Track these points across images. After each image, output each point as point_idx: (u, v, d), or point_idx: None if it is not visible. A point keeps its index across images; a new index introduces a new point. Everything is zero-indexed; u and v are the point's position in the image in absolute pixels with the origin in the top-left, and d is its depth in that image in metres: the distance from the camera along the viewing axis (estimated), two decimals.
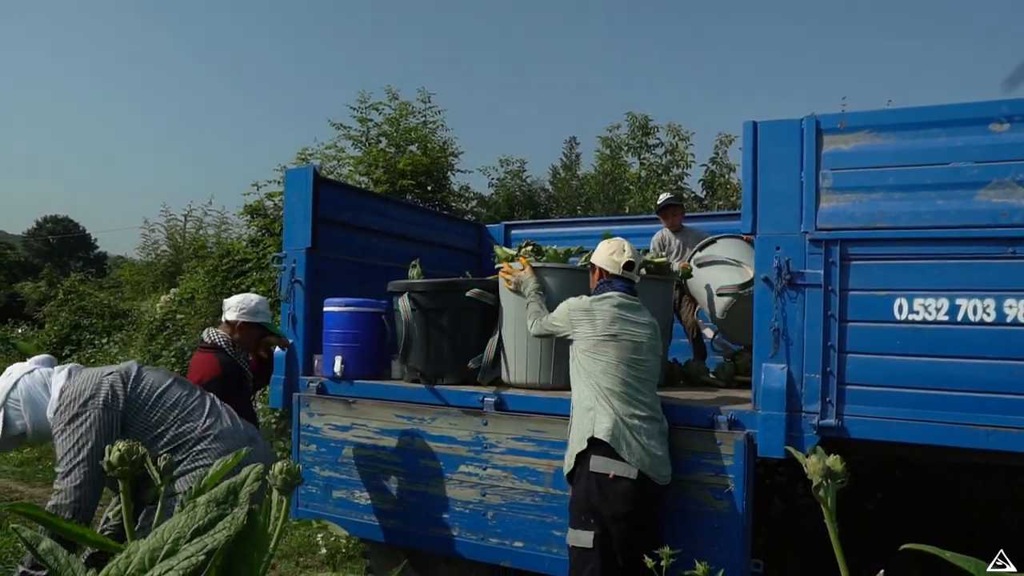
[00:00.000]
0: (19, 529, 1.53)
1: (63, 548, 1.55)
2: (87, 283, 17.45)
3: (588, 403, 2.88)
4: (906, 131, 2.72)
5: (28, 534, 1.52)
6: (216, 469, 1.93)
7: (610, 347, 2.92)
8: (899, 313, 2.71)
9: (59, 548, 1.53)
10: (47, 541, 1.53)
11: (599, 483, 2.77)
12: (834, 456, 1.24)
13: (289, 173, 4.03)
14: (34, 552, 1.51)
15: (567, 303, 3.13)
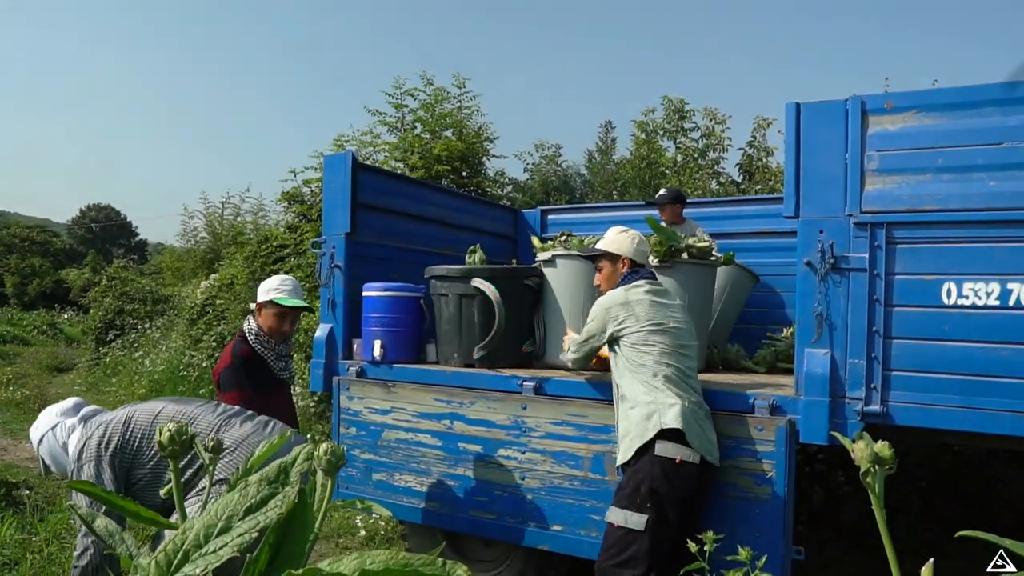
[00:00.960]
0: (75, 506, 1.57)
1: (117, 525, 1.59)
2: (129, 270, 17.80)
3: (644, 397, 2.85)
4: (956, 111, 2.65)
5: (84, 511, 1.56)
6: (262, 451, 1.97)
7: (659, 336, 2.92)
8: (947, 298, 2.65)
9: (113, 524, 1.57)
10: (102, 518, 1.58)
11: (663, 468, 2.77)
12: (882, 442, 1.22)
13: (327, 159, 4.06)
14: (90, 528, 1.56)
15: (599, 306, 3.07)
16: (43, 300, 35.69)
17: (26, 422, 8.92)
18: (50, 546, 3.54)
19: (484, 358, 3.58)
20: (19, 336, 21.11)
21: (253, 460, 1.86)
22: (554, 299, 3.70)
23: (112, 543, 1.55)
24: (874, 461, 1.21)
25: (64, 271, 38.13)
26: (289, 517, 1.28)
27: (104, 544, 2.75)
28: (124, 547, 1.56)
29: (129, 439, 2.75)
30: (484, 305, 3.58)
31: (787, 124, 2.92)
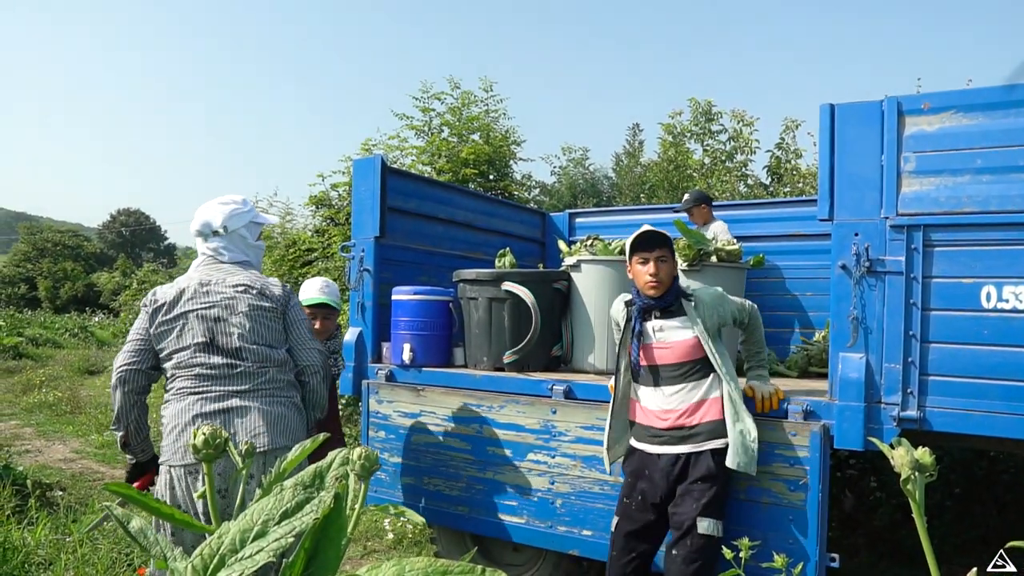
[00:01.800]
0: (111, 507, 1.58)
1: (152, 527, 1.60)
2: (159, 273, 18.03)
3: (735, 395, 2.81)
4: (997, 110, 2.60)
5: (119, 512, 1.57)
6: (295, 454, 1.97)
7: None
8: (987, 301, 2.60)
9: (149, 527, 1.58)
10: (137, 520, 1.59)
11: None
12: (923, 448, 1.19)
13: (357, 163, 4.08)
14: (126, 530, 1.57)
15: (728, 296, 3.00)
16: (75, 303, 36.34)
17: (59, 423, 9.07)
18: (83, 547, 3.58)
19: (514, 362, 3.57)
20: (51, 339, 21.47)
21: (286, 464, 1.87)
22: (581, 303, 3.70)
23: (147, 545, 1.56)
24: (915, 468, 1.18)
25: (95, 275, 38.78)
26: (324, 522, 1.28)
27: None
28: (158, 548, 1.57)
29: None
30: (514, 309, 3.57)
31: (821, 126, 2.88)
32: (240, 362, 2.68)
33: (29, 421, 9.24)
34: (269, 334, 2.76)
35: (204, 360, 2.67)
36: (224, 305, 2.73)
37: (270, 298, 2.79)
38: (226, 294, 2.75)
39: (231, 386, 2.67)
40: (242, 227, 2.88)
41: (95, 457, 7.32)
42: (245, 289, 2.76)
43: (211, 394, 2.65)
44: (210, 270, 2.82)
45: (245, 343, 2.69)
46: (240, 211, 2.89)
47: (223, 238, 2.85)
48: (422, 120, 9.51)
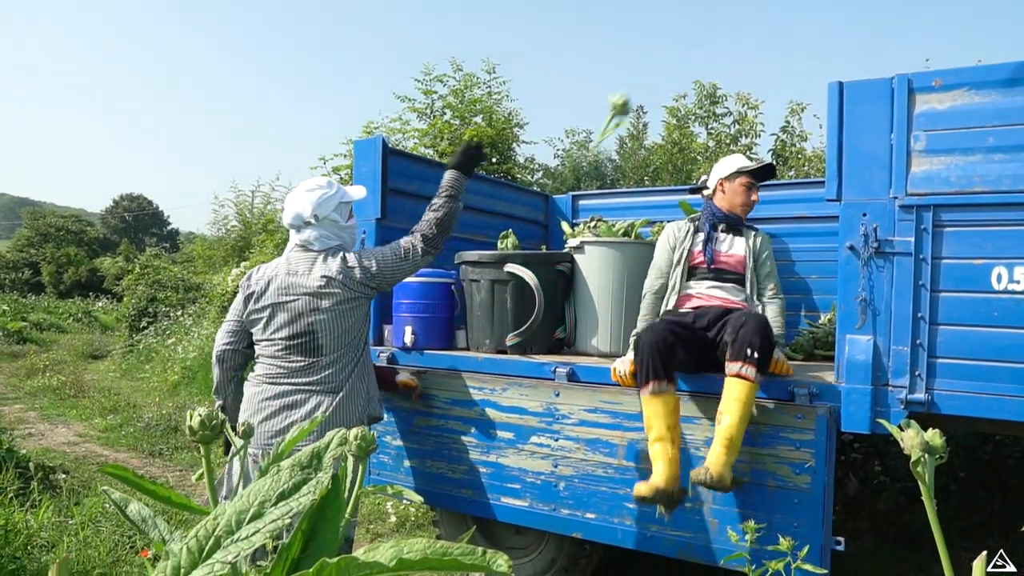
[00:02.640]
0: (109, 491, 1.56)
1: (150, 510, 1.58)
2: (161, 258, 18.02)
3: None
4: (1010, 87, 2.54)
5: (118, 496, 1.55)
6: (293, 435, 1.94)
7: None
8: (997, 283, 2.55)
9: (146, 509, 1.56)
10: (135, 503, 1.56)
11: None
12: (933, 430, 1.16)
13: (358, 144, 4.03)
14: (123, 513, 1.55)
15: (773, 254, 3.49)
16: (78, 288, 36.42)
17: (63, 407, 9.09)
18: (86, 529, 3.57)
19: (517, 345, 3.54)
20: (55, 324, 21.54)
21: (284, 445, 1.85)
22: (585, 285, 3.66)
23: (145, 528, 1.54)
24: (925, 450, 1.15)
25: (98, 260, 38.81)
26: (322, 503, 1.25)
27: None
28: (157, 532, 1.55)
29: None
30: (517, 291, 3.54)
31: (829, 104, 2.83)
32: (318, 358, 2.81)
33: (33, 405, 9.26)
34: (352, 324, 2.87)
35: (284, 354, 2.83)
36: (308, 300, 2.82)
37: (352, 286, 2.84)
38: (310, 288, 2.82)
39: (302, 378, 2.81)
40: (331, 211, 2.91)
41: (98, 440, 7.34)
42: (328, 282, 2.81)
43: (282, 385, 2.81)
44: (300, 259, 2.89)
45: (327, 339, 2.82)
46: (327, 195, 2.91)
47: (315, 227, 2.90)
48: (424, 102, 9.45)
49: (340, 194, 2.95)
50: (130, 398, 9.67)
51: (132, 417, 8.22)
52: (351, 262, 2.87)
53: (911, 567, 4.41)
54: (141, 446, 7.03)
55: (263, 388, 2.82)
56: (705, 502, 2.93)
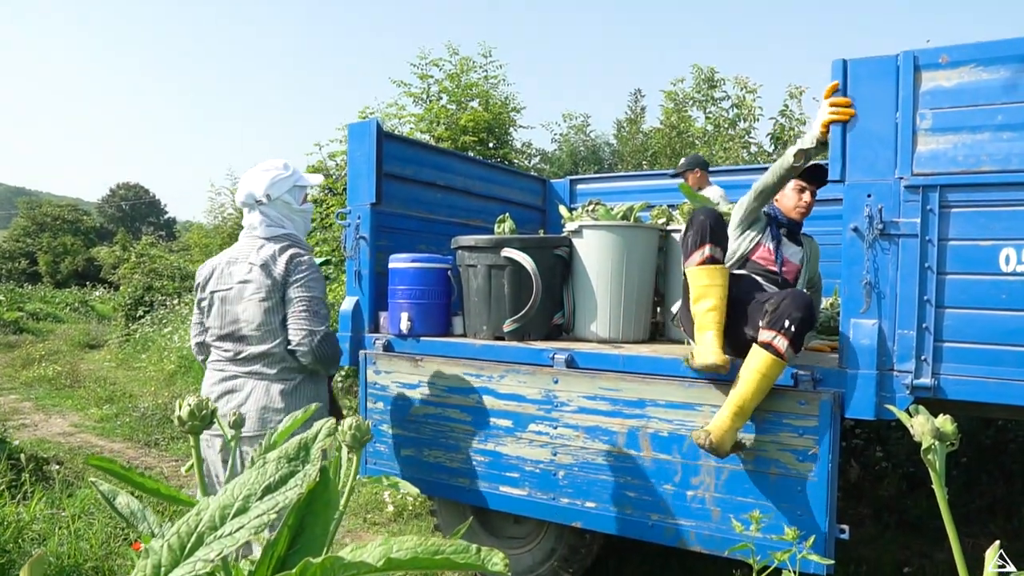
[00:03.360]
0: (97, 483, 1.50)
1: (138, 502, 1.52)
2: (157, 247, 17.93)
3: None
4: (1019, 63, 2.47)
5: (106, 488, 1.49)
6: (285, 425, 1.88)
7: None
8: (1006, 264, 2.49)
9: (135, 503, 1.50)
10: (124, 495, 1.50)
11: None
12: (944, 416, 1.10)
13: (352, 128, 3.95)
14: (112, 506, 1.49)
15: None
16: (75, 278, 36.34)
17: (59, 397, 9.04)
18: (78, 522, 3.52)
19: (515, 331, 3.48)
20: (52, 313, 21.46)
21: (276, 436, 1.79)
22: (583, 269, 3.60)
23: (134, 521, 1.48)
24: (936, 436, 1.10)
25: (95, 249, 38.69)
26: (310, 497, 1.20)
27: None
28: (146, 525, 1.50)
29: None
30: (514, 276, 3.47)
31: (833, 81, 2.76)
32: (246, 347, 2.79)
33: (28, 395, 9.20)
34: (273, 316, 2.80)
35: (219, 343, 2.85)
36: (238, 288, 2.81)
37: (273, 278, 2.78)
38: (242, 276, 2.82)
39: (237, 367, 2.81)
40: (285, 192, 2.89)
41: (94, 431, 7.29)
42: (254, 272, 2.79)
43: (224, 373, 2.83)
44: (243, 245, 2.89)
45: (251, 330, 2.79)
46: (281, 176, 2.88)
47: (266, 207, 2.88)
48: (420, 87, 9.36)
49: (295, 177, 2.92)
50: (126, 388, 9.62)
51: (128, 407, 8.17)
52: (279, 264, 2.78)
53: (913, 553, 4.38)
54: (137, 436, 6.98)
55: (210, 374, 2.88)
56: (707, 490, 2.89)
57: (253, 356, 2.78)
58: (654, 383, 2.99)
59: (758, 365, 2.68)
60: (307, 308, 2.77)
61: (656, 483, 2.98)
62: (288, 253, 2.81)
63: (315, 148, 9.22)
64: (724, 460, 2.82)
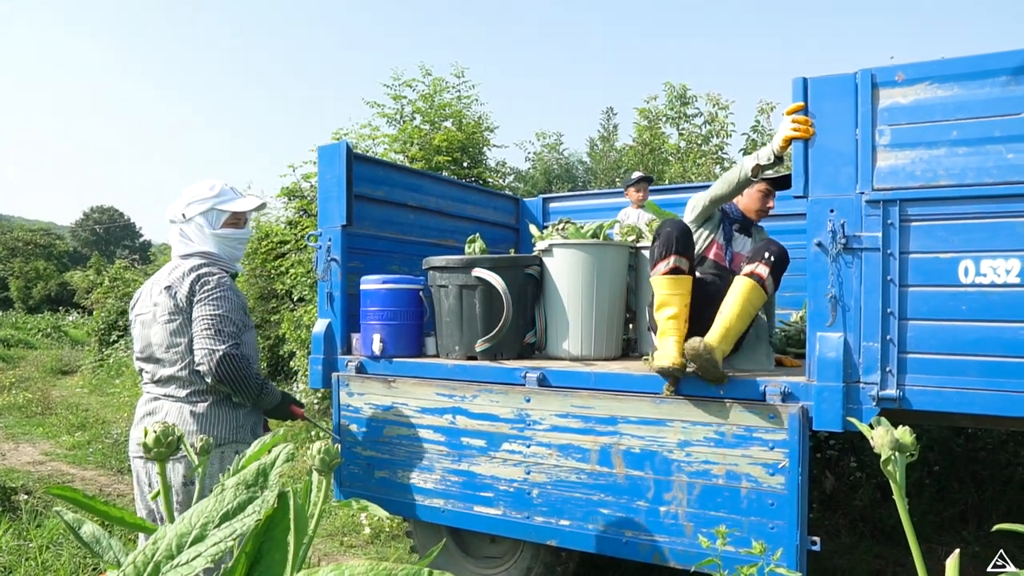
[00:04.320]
0: (62, 512, 1.48)
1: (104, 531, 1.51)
2: (131, 270, 17.75)
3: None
4: (971, 80, 2.54)
5: (70, 517, 1.47)
6: (254, 450, 1.87)
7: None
8: (965, 276, 2.54)
9: (100, 530, 1.49)
10: (89, 525, 1.49)
11: None
12: (903, 427, 1.12)
13: (322, 150, 3.96)
14: (76, 536, 1.47)
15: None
16: (48, 303, 35.82)
17: (29, 425, 8.88)
18: (45, 552, 3.46)
19: (487, 350, 3.48)
20: (23, 340, 21.11)
21: (245, 460, 1.78)
22: (554, 288, 3.62)
23: (99, 550, 1.47)
24: (895, 448, 1.12)
25: (68, 274, 38.18)
26: (269, 523, 1.19)
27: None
28: (111, 553, 1.48)
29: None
30: (485, 296, 3.49)
31: (794, 100, 2.81)
32: (159, 369, 2.75)
33: None
34: (179, 338, 2.73)
35: (141, 364, 2.83)
36: (151, 311, 2.77)
37: (176, 300, 2.71)
38: (154, 298, 2.78)
39: (159, 389, 2.76)
40: (198, 215, 2.82)
41: (65, 459, 7.17)
42: (163, 294, 2.74)
43: (148, 395, 2.80)
44: (164, 268, 2.86)
45: (161, 353, 2.74)
46: (199, 198, 2.83)
47: (183, 225, 2.84)
48: (394, 108, 9.37)
49: (219, 200, 2.84)
50: (99, 414, 9.48)
51: (101, 433, 8.05)
52: (184, 284, 2.72)
53: (888, 563, 4.41)
54: (110, 463, 6.87)
55: (142, 396, 2.84)
56: (679, 506, 2.90)
57: (166, 378, 2.73)
58: (626, 400, 3.01)
59: (741, 290, 3.02)
60: (209, 326, 2.66)
61: (629, 500, 2.99)
62: (196, 273, 2.72)
63: (288, 170, 9.19)
64: (695, 475, 2.84)
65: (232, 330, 2.69)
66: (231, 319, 2.70)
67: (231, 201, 2.85)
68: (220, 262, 2.82)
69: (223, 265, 2.83)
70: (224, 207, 2.84)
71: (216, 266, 2.79)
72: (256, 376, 2.76)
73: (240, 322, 2.75)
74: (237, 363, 2.66)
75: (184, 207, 2.82)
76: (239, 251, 2.92)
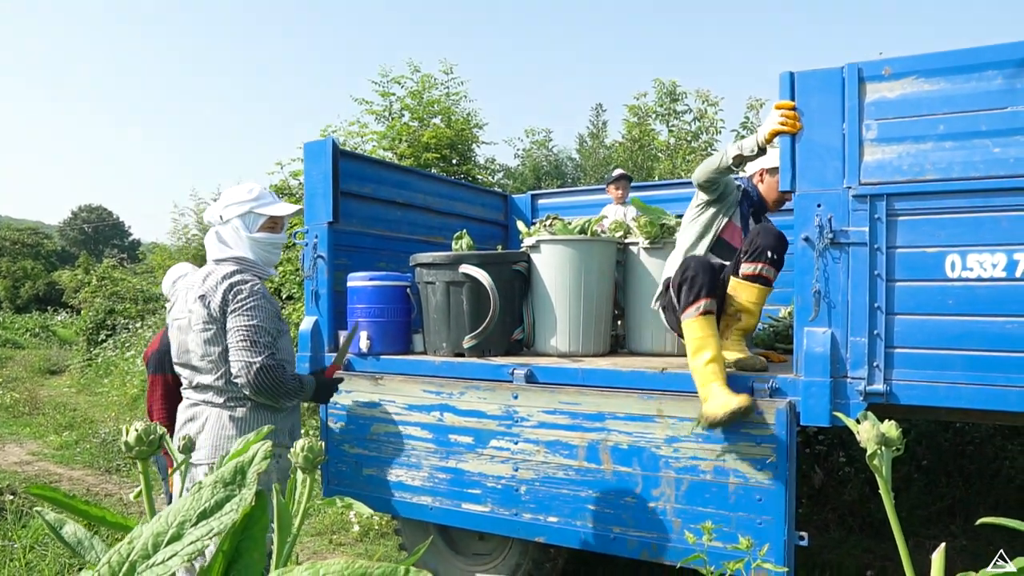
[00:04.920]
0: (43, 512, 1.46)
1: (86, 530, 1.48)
2: (119, 269, 17.65)
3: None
4: (958, 75, 2.53)
5: (51, 517, 1.45)
6: (237, 447, 1.85)
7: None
8: (951, 271, 2.54)
9: (82, 531, 1.46)
10: (71, 524, 1.47)
11: None
12: (889, 422, 1.12)
13: (308, 146, 3.93)
14: (58, 536, 1.45)
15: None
16: (36, 303, 35.59)
17: (16, 425, 8.82)
18: (31, 553, 3.43)
19: (474, 347, 3.47)
20: (11, 339, 20.98)
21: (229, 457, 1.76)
22: (542, 284, 3.60)
23: (81, 550, 1.45)
24: (881, 442, 1.11)
25: (56, 273, 37.93)
26: (247, 522, 1.17)
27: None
28: (93, 554, 1.46)
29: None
30: (473, 292, 3.47)
31: (781, 94, 2.81)
32: (196, 375, 2.73)
33: None
34: (213, 347, 2.69)
35: (179, 370, 2.80)
36: (187, 317, 2.73)
37: (210, 309, 2.67)
38: (189, 304, 2.73)
39: (198, 395, 2.74)
40: (236, 217, 2.77)
41: (53, 459, 7.12)
42: (198, 302, 2.69)
43: (187, 400, 2.77)
44: (201, 272, 2.82)
45: (197, 360, 2.71)
46: (238, 200, 2.78)
47: (221, 227, 2.79)
48: (382, 105, 9.35)
49: (256, 203, 2.79)
50: (87, 413, 9.43)
51: (89, 433, 8.00)
52: (218, 293, 2.66)
53: (876, 556, 4.43)
54: (97, 463, 6.83)
55: (183, 401, 2.81)
56: (667, 502, 2.89)
57: (203, 385, 2.71)
58: (613, 396, 3.00)
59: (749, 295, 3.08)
60: (245, 338, 2.63)
61: (617, 496, 2.98)
62: (228, 282, 2.67)
63: (276, 167, 9.16)
64: (683, 471, 2.84)
65: (267, 340, 2.66)
66: (265, 329, 2.66)
67: (269, 205, 2.80)
68: (254, 267, 2.78)
69: (257, 271, 2.78)
70: (261, 211, 2.78)
71: (249, 272, 2.75)
72: (292, 379, 2.74)
73: (275, 330, 2.71)
74: (273, 373, 2.63)
75: (222, 209, 2.79)
76: (274, 256, 2.87)
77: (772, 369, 3.08)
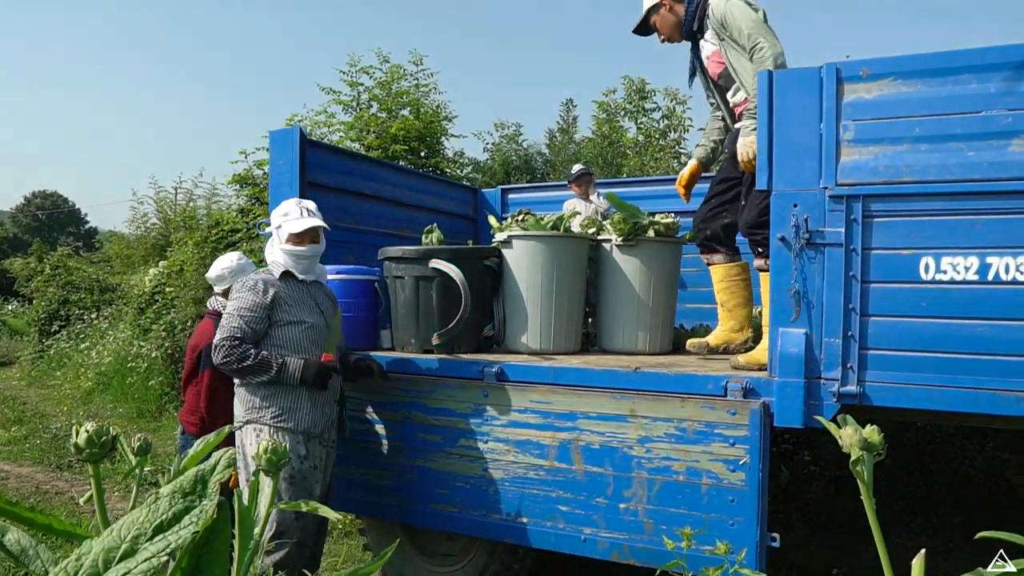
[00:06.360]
0: None
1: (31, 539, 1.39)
2: (75, 258, 17.19)
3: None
4: (934, 77, 2.53)
5: None
6: (197, 449, 1.76)
7: None
8: (925, 273, 2.54)
9: (26, 538, 1.37)
10: (14, 532, 1.37)
11: None
12: (871, 426, 1.08)
13: (273, 135, 3.82)
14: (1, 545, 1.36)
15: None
16: None
17: None
18: None
19: (443, 344, 3.40)
20: None
21: (186, 462, 1.67)
22: (513, 280, 3.54)
23: (25, 560, 1.35)
24: (863, 447, 1.07)
25: (7, 261, 36.89)
26: (207, 536, 1.10)
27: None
28: (39, 563, 1.37)
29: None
30: (443, 288, 3.40)
31: (759, 94, 2.78)
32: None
33: None
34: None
35: None
36: None
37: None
38: None
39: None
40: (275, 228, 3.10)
41: (0, 455, 6.88)
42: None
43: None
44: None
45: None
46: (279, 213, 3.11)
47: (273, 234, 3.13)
48: (350, 95, 9.21)
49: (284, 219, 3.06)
50: (38, 407, 9.15)
51: (39, 428, 7.76)
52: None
53: (843, 554, 4.45)
54: (48, 459, 6.61)
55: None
56: (639, 502, 2.86)
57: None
58: (585, 395, 2.96)
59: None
60: (222, 322, 2.96)
61: (588, 496, 2.94)
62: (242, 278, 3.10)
63: (240, 156, 8.97)
64: (655, 472, 2.80)
65: (237, 323, 2.90)
66: (238, 314, 2.92)
67: (290, 221, 3.04)
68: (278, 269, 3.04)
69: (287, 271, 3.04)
70: (285, 226, 3.05)
71: (266, 272, 3.05)
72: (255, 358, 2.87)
73: (253, 317, 2.92)
74: (226, 351, 2.87)
75: (274, 218, 3.12)
76: (304, 265, 3.07)
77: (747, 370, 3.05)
